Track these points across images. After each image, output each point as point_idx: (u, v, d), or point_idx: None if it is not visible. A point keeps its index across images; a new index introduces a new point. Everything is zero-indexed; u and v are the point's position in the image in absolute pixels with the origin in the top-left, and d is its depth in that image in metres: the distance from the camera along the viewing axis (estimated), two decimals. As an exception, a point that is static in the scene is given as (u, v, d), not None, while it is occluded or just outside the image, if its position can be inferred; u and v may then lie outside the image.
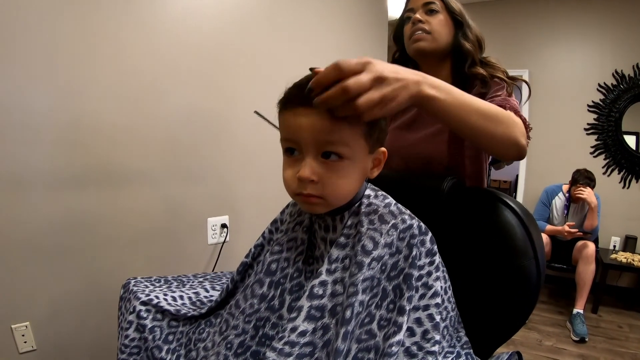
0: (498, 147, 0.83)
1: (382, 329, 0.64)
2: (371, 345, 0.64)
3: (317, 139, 0.64)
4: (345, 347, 0.61)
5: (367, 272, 0.64)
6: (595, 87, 3.62)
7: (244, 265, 0.89)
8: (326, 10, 2.46)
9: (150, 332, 0.90)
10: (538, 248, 0.84)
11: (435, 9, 1.13)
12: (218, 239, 2.00)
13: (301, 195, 0.68)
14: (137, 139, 1.66)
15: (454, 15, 1.14)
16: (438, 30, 1.13)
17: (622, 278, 3.55)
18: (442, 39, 1.13)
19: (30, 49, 1.35)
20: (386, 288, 0.66)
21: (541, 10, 3.80)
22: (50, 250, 1.47)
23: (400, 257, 0.67)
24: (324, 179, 0.66)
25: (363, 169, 0.71)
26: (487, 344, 0.87)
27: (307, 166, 0.65)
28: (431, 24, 1.12)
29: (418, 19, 1.12)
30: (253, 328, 0.75)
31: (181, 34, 1.74)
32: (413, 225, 0.69)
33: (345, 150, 0.65)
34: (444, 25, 1.13)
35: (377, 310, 0.66)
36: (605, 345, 2.69)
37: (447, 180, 0.94)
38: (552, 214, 3.36)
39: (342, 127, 0.63)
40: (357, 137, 0.66)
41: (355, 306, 0.62)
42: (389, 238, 0.67)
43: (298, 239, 0.82)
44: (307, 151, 0.66)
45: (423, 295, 0.68)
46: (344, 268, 0.68)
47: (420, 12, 1.13)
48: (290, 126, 0.66)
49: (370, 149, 0.70)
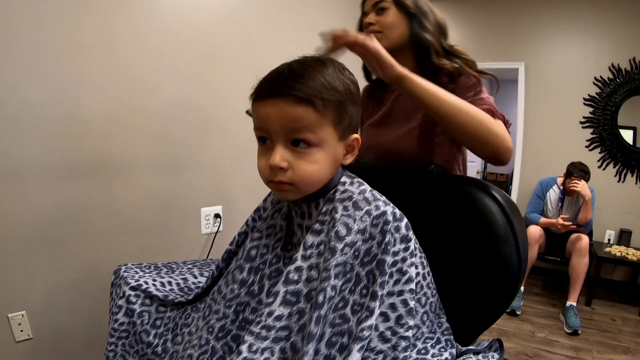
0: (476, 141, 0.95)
1: (356, 313, 0.65)
2: (345, 330, 0.65)
3: (285, 127, 0.67)
4: (319, 330, 0.62)
5: (339, 258, 0.65)
6: (592, 80, 3.61)
7: (228, 253, 0.91)
8: (319, 3, 2.46)
9: (138, 317, 0.92)
10: (519, 236, 0.85)
11: (384, 6, 1.13)
12: (211, 228, 2.02)
13: (273, 182, 0.71)
14: (131, 130, 1.67)
15: (405, 7, 1.14)
16: (388, 27, 1.14)
17: (616, 271, 3.56)
18: (394, 34, 1.14)
19: (24, 43, 1.36)
20: (359, 273, 0.67)
21: (538, 3, 3.78)
22: (46, 240, 1.48)
23: (373, 243, 0.68)
24: (294, 165, 0.68)
25: (334, 155, 0.72)
26: (469, 330, 0.88)
27: (277, 154, 0.68)
28: (381, 22, 1.14)
29: (368, 22, 1.14)
30: (233, 312, 0.76)
31: (173, 27, 1.75)
32: (387, 211, 0.70)
33: (313, 137, 0.68)
34: (395, 20, 1.14)
35: (351, 295, 0.67)
36: (597, 337, 2.71)
37: (432, 169, 0.95)
38: (547, 207, 3.37)
39: (309, 115, 0.66)
40: (325, 125, 0.68)
41: (328, 291, 0.63)
42: (362, 224, 0.68)
43: (277, 225, 0.83)
44: (276, 139, 0.68)
45: (397, 281, 0.70)
46: (318, 254, 0.69)
47: (371, 14, 1.15)
48: (261, 116, 0.69)
49: (341, 135, 0.72)
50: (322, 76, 0.67)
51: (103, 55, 1.55)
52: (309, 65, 0.69)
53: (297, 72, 0.67)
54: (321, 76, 0.67)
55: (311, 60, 0.71)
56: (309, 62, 0.70)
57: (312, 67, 0.68)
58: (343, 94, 0.69)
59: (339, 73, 0.71)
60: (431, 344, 0.76)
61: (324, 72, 0.68)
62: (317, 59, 0.72)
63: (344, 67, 0.75)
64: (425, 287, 0.76)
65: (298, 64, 0.70)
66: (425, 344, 0.75)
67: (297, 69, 0.68)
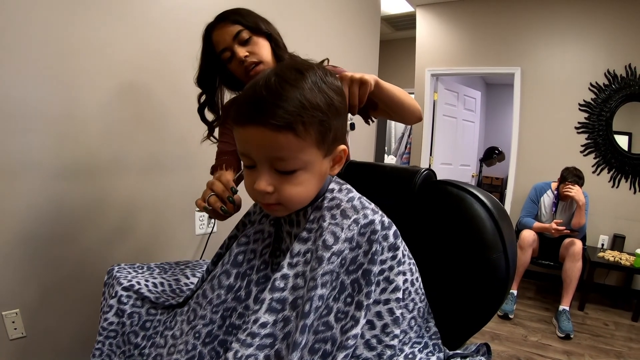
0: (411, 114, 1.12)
1: (339, 321, 0.66)
2: (328, 337, 0.65)
3: (266, 154, 0.66)
4: (304, 339, 0.62)
5: (326, 267, 0.65)
6: (587, 86, 3.63)
7: (218, 256, 0.90)
8: (318, 5, 2.47)
9: (128, 318, 0.92)
10: (508, 242, 0.86)
11: (245, 36, 1.15)
12: (205, 229, 2.03)
13: (261, 203, 0.72)
14: (126, 129, 1.68)
15: (262, 31, 1.19)
16: (264, 54, 1.18)
17: (609, 276, 3.58)
18: (270, 59, 1.20)
19: (21, 43, 1.36)
20: (344, 282, 0.68)
21: (534, 8, 3.81)
22: (40, 239, 1.49)
23: (360, 252, 0.68)
24: (279, 189, 0.68)
25: (319, 173, 0.71)
26: (458, 335, 0.88)
27: (262, 179, 0.67)
28: (255, 53, 1.16)
29: (243, 56, 1.14)
30: (220, 318, 0.76)
31: (172, 28, 1.76)
32: (375, 220, 0.69)
33: (297, 163, 0.66)
34: (263, 47, 1.19)
35: (335, 302, 0.67)
36: (590, 342, 2.72)
37: (419, 173, 0.96)
38: (541, 211, 3.38)
39: (289, 141, 0.63)
40: (308, 148, 0.66)
41: (315, 300, 0.63)
42: (350, 233, 0.68)
43: (265, 231, 0.83)
44: (260, 165, 0.67)
45: (384, 290, 0.70)
46: (305, 262, 0.69)
47: (236, 47, 1.15)
48: (243, 141, 0.67)
49: (326, 153, 0.70)
50: (301, 94, 0.63)
51: (101, 55, 1.56)
52: (287, 81, 0.64)
53: (275, 92, 0.62)
54: (300, 95, 0.63)
55: (290, 72, 0.66)
56: (288, 76, 0.65)
57: (290, 83, 0.63)
58: (325, 112, 0.66)
59: (321, 83, 0.67)
60: (419, 349, 0.76)
61: (303, 88, 0.64)
62: (297, 69, 0.67)
63: (325, 71, 0.70)
64: (414, 292, 0.76)
65: (276, 78, 0.64)
66: (413, 349, 0.75)
67: (275, 88, 0.63)
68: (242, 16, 1.16)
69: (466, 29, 4.16)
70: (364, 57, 3.05)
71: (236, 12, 1.16)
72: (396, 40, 5.87)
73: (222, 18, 1.16)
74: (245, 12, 1.18)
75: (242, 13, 1.17)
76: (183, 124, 1.87)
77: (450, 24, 4.27)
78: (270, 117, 0.61)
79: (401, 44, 5.75)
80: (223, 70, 1.23)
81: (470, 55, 4.18)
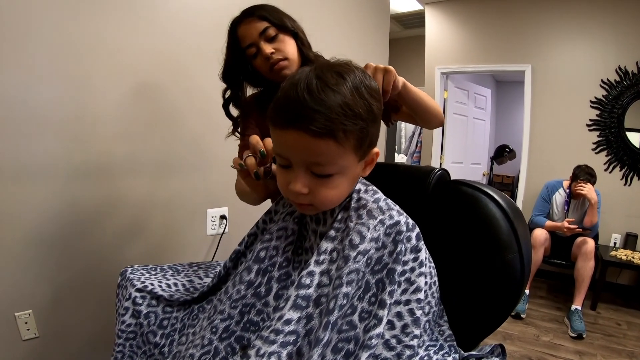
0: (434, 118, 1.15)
1: (363, 320, 0.66)
2: (351, 336, 0.65)
3: (305, 158, 0.66)
4: (327, 336, 0.62)
5: (352, 266, 0.66)
6: (598, 83, 3.59)
7: (236, 253, 0.91)
8: (325, 5, 2.47)
9: (145, 318, 0.92)
10: (523, 242, 0.85)
11: (272, 33, 1.14)
12: (217, 230, 2.03)
13: (294, 202, 0.73)
14: (138, 131, 1.69)
15: (288, 29, 1.17)
16: (290, 52, 1.17)
17: (621, 275, 3.54)
18: (295, 57, 1.18)
19: (33, 46, 1.37)
20: (369, 281, 0.68)
21: (544, 5, 3.77)
22: (52, 240, 1.50)
23: (385, 252, 0.69)
24: (314, 191, 0.69)
25: (353, 175, 0.73)
26: (472, 335, 0.88)
27: (298, 181, 0.68)
28: (281, 50, 1.15)
29: (270, 52, 1.13)
30: (239, 314, 0.77)
31: (179, 30, 1.77)
32: (400, 221, 0.71)
33: (334, 168, 0.67)
34: (289, 44, 1.17)
35: (359, 302, 0.67)
36: (602, 342, 2.70)
37: (433, 173, 0.96)
38: (553, 210, 3.36)
39: (329, 148, 0.64)
40: (347, 153, 0.67)
41: (340, 298, 0.64)
42: (376, 233, 0.69)
43: (288, 228, 0.83)
44: (297, 166, 0.68)
45: (405, 290, 0.70)
46: (331, 260, 0.70)
47: (262, 43, 1.14)
48: (281, 144, 0.68)
49: (361, 157, 0.71)
50: (343, 101, 0.62)
51: (108, 57, 1.57)
52: (329, 85, 0.63)
53: (317, 97, 0.61)
54: (342, 101, 0.62)
55: (331, 75, 0.64)
56: (329, 80, 0.63)
57: (332, 88, 0.62)
58: (365, 119, 0.66)
59: (360, 86, 0.66)
60: (434, 350, 0.76)
61: (345, 94, 0.63)
62: (337, 72, 0.66)
63: (364, 74, 0.70)
64: (430, 296, 0.76)
65: (318, 82, 0.63)
66: (428, 351, 0.75)
67: (316, 92, 0.61)
68: (269, 12, 1.15)
69: (476, 26, 4.14)
70: (374, 56, 3.04)
71: (262, 8, 1.15)
72: (405, 39, 5.84)
73: (248, 13, 1.15)
74: (271, 9, 1.17)
75: (269, 9, 1.16)
76: (194, 125, 1.88)
77: (460, 22, 4.25)
78: (312, 123, 0.61)
79: (410, 42, 5.71)
80: (246, 65, 1.22)
81: (480, 52, 4.15)
